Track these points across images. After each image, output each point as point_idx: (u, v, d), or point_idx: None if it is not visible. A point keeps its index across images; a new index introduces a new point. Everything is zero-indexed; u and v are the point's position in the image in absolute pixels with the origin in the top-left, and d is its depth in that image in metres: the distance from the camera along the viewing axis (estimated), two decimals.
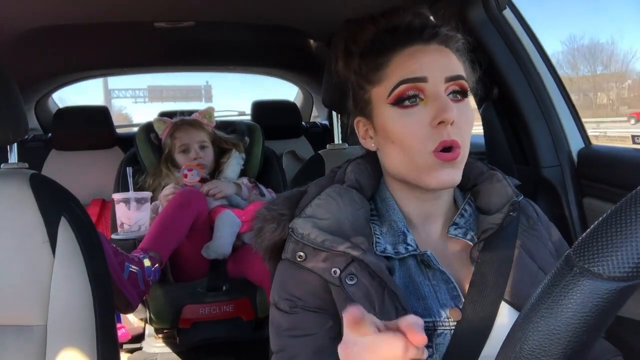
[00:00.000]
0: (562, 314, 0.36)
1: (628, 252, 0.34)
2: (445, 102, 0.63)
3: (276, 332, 0.67)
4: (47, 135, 2.45)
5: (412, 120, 0.65)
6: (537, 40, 1.27)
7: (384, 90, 0.67)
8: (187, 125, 1.88)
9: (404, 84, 0.65)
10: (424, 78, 0.65)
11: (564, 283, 0.36)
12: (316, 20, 1.66)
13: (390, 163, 0.70)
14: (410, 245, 0.68)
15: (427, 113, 0.64)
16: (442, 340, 0.63)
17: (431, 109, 0.64)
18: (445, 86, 0.65)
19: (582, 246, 0.36)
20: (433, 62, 0.66)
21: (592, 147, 1.25)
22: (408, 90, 0.65)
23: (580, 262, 0.35)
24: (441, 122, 0.63)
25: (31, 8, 1.40)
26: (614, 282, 0.34)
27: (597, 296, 0.35)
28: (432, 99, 0.64)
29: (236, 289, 1.63)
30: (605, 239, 0.35)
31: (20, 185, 0.84)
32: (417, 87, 0.65)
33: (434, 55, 0.67)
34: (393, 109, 0.66)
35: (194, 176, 1.78)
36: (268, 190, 1.88)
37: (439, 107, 0.63)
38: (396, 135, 0.66)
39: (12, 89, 0.89)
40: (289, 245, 0.67)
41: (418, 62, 0.65)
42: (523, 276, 0.67)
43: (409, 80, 0.65)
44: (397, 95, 0.65)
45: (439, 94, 0.64)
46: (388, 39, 0.69)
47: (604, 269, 0.34)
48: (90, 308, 0.82)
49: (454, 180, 0.65)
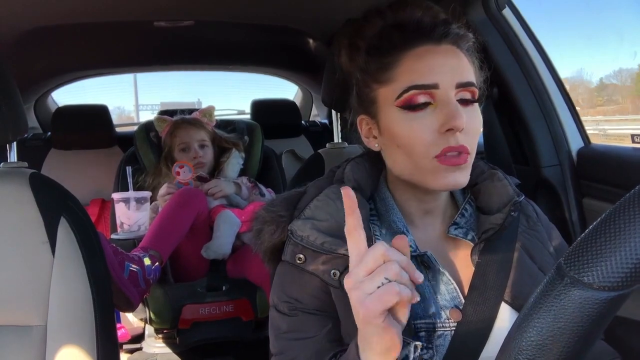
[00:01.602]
0: (554, 324, 0.36)
1: (617, 262, 0.33)
2: (456, 109, 0.62)
3: (276, 335, 0.67)
4: (46, 134, 2.44)
5: (420, 125, 0.63)
6: (536, 39, 1.27)
7: (392, 92, 0.65)
8: (187, 124, 1.87)
9: (414, 90, 0.63)
10: (435, 85, 0.62)
11: (555, 293, 0.36)
12: (316, 20, 1.66)
13: (394, 164, 0.69)
14: (410, 246, 0.67)
15: (436, 118, 0.62)
16: (442, 341, 0.63)
17: (440, 114, 0.62)
18: (456, 92, 0.63)
19: (573, 256, 0.36)
20: (444, 65, 0.64)
21: (592, 147, 1.25)
22: (418, 96, 0.63)
23: (571, 272, 0.35)
24: (450, 129, 0.61)
25: (31, 8, 1.40)
26: (605, 291, 0.34)
27: (588, 306, 0.35)
28: (442, 104, 0.62)
29: (236, 289, 1.63)
30: (595, 249, 0.35)
31: (20, 184, 0.84)
32: (428, 93, 0.63)
33: (446, 57, 0.64)
34: (400, 111, 0.64)
35: (186, 173, 1.77)
36: (268, 190, 1.88)
37: (449, 113, 0.61)
38: (401, 139, 0.64)
39: (11, 88, 0.89)
40: (288, 247, 0.67)
41: (429, 66, 0.63)
42: (523, 277, 0.66)
43: (420, 86, 0.63)
44: (405, 100, 0.63)
45: (449, 100, 0.62)
46: (396, 37, 0.66)
47: (594, 278, 0.34)
48: (90, 308, 0.82)
49: (460, 184, 0.64)
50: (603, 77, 3.97)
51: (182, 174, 1.77)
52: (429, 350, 0.63)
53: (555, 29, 9.81)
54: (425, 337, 0.63)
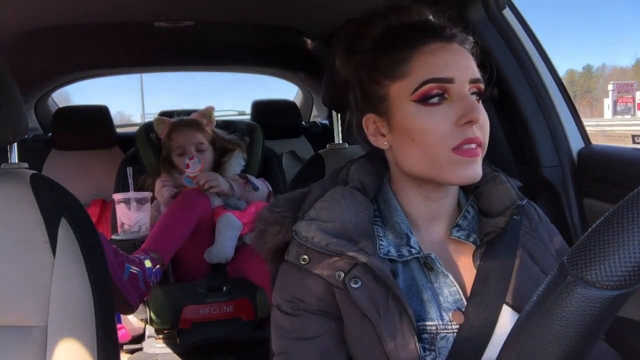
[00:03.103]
0: (556, 322, 0.36)
1: (620, 260, 0.33)
2: (473, 102, 0.63)
3: (278, 335, 0.66)
4: (47, 135, 2.45)
5: (436, 118, 0.64)
6: (536, 39, 1.27)
7: (407, 86, 0.65)
8: (184, 127, 1.82)
9: (430, 83, 0.64)
10: (451, 79, 0.64)
11: (558, 292, 0.36)
12: (316, 20, 1.66)
13: (407, 161, 0.68)
14: (414, 248, 0.67)
15: (452, 112, 0.63)
16: (444, 344, 0.63)
17: (457, 107, 0.63)
18: (470, 87, 0.65)
19: (576, 254, 0.36)
20: (458, 62, 0.66)
21: (593, 147, 1.24)
22: (434, 89, 0.64)
23: (574, 270, 0.35)
24: (468, 122, 0.63)
25: (31, 8, 1.40)
26: (607, 290, 0.34)
27: (591, 305, 0.35)
28: (458, 98, 0.64)
29: (236, 289, 1.63)
30: (598, 247, 0.34)
31: (21, 185, 0.84)
32: (443, 87, 0.64)
33: (458, 55, 0.66)
34: (416, 106, 0.65)
35: (196, 165, 1.73)
36: (261, 180, 1.84)
37: (467, 106, 0.63)
38: (417, 133, 0.65)
39: (12, 88, 0.89)
40: (292, 248, 0.67)
41: (444, 61, 0.65)
42: (525, 280, 0.66)
43: (437, 80, 0.64)
44: (422, 93, 0.64)
45: (465, 94, 0.64)
46: (407, 35, 0.68)
47: (597, 277, 0.34)
48: (91, 308, 0.82)
49: (477, 176, 0.65)
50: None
51: (192, 166, 1.73)
52: (432, 353, 0.62)
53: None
54: (428, 340, 0.63)
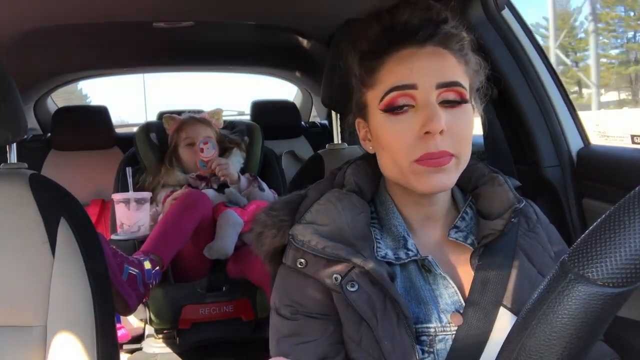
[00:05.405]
0: (557, 320, 0.36)
1: (622, 258, 0.33)
2: (434, 112, 0.61)
3: (277, 338, 0.66)
4: (46, 135, 2.44)
5: (401, 127, 0.63)
6: (535, 40, 1.27)
7: (377, 95, 0.66)
8: (195, 121, 1.90)
9: (394, 91, 0.63)
10: (414, 85, 0.62)
11: (559, 289, 0.36)
12: (316, 20, 1.66)
13: (384, 168, 0.69)
14: (411, 250, 0.67)
15: (417, 121, 0.62)
16: (443, 345, 0.63)
17: (420, 116, 0.62)
18: (437, 93, 0.62)
19: (577, 252, 0.36)
20: (425, 67, 0.63)
21: (592, 147, 1.25)
22: (398, 98, 0.63)
23: (575, 268, 0.35)
24: (427, 133, 0.61)
25: (31, 8, 1.40)
26: (609, 288, 0.34)
27: (592, 302, 0.35)
28: (422, 106, 0.62)
29: (236, 289, 1.63)
30: (600, 245, 0.34)
31: (20, 185, 0.84)
32: (408, 95, 0.63)
33: (427, 59, 0.64)
34: (384, 115, 0.64)
35: (210, 150, 1.78)
36: (271, 191, 1.87)
37: (427, 116, 0.61)
38: (385, 142, 0.65)
39: (11, 88, 0.89)
40: (289, 252, 0.66)
41: (408, 68, 0.63)
42: (522, 282, 0.66)
43: (399, 87, 0.63)
44: (387, 103, 0.64)
45: (429, 102, 0.62)
46: (384, 41, 0.66)
47: (599, 275, 0.34)
48: (90, 308, 0.82)
49: (445, 185, 0.64)
50: None
51: (206, 150, 1.78)
52: (430, 355, 0.62)
53: None
54: (427, 342, 0.63)
